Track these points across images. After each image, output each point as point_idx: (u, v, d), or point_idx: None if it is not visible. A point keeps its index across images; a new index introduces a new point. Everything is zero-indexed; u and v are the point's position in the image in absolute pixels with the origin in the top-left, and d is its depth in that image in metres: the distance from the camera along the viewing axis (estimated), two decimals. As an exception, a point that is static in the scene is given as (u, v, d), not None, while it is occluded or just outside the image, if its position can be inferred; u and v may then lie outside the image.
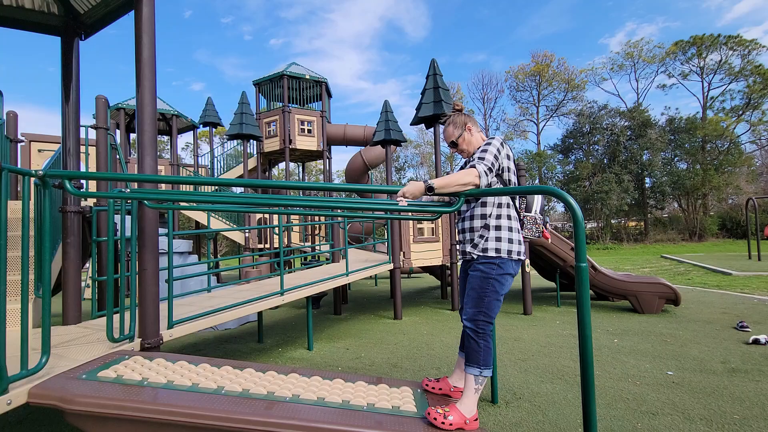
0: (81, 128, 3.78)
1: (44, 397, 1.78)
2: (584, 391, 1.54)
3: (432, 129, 7.39)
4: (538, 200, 2.28)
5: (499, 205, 2.09)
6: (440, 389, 2.27)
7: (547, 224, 2.36)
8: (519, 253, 2.08)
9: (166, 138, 16.61)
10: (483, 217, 2.09)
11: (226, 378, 2.15)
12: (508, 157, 2.11)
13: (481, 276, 2.04)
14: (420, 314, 6.60)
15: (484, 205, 2.10)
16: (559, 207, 34.48)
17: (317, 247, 9.68)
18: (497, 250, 2.03)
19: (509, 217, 2.09)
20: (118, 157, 5.40)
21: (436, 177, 2.46)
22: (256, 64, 71.84)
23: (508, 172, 2.11)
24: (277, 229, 8.30)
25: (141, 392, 1.87)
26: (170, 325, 2.89)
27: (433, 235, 6.97)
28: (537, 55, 35.91)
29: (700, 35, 29.05)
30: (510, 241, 2.05)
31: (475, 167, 1.98)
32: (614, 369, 3.58)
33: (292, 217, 7.94)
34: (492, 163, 2.01)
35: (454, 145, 2.28)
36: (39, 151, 7.16)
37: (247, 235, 10.36)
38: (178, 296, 3.83)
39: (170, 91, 65.25)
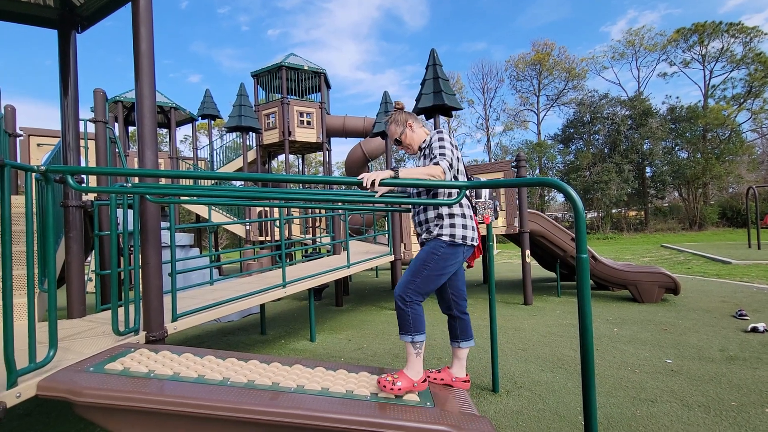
0: (80, 122, 3.76)
1: (53, 390, 1.81)
2: (585, 379, 1.57)
3: (432, 120, 7.36)
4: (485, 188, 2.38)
5: (450, 195, 2.18)
6: (442, 379, 2.32)
7: (498, 208, 2.45)
8: (473, 239, 2.18)
9: (164, 131, 16.54)
10: (436, 207, 2.18)
11: (231, 369, 2.17)
12: (456, 147, 2.21)
13: (428, 250, 2.14)
14: (421, 305, 6.63)
15: (435, 196, 2.19)
16: (559, 197, 34.47)
17: (318, 240, 9.71)
18: (451, 236, 2.12)
19: (461, 205, 2.19)
20: (117, 150, 5.39)
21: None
22: (254, 56, 71.27)
23: (458, 161, 2.20)
24: (278, 221, 8.32)
25: (148, 384, 1.89)
26: (174, 318, 2.92)
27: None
28: (537, 43, 35.66)
29: (701, 22, 28.76)
30: (464, 227, 2.15)
31: (438, 164, 2.05)
32: (614, 357, 3.62)
33: (293, 209, 8.00)
34: (451, 159, 2.11)
35: (398, 142, 2.36)
36: (38, 145, 7.14)
37: (248, 227, 10.39)
38: (180, 289, 3.85)
39: (167, 83, 64.90)
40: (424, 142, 2.28)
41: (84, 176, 3.82)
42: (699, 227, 26.12)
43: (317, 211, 7.38)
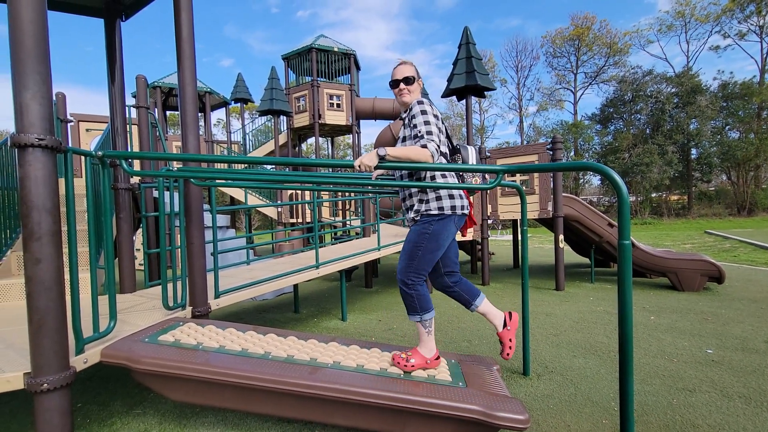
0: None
1: (115, 357, 1.99)
2: (622, 366, 1.56)
3: (464, 101, 7.21)
4: (472, 154, 2.31)
5: (444, 176, 2.13)
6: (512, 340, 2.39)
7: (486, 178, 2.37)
8: (463, 208, 2.14)
9: (199, 115, 17.06)
10: (419, 180, 2.14)
11: (272, 345, 2.30)
12: (437, 117, 2.10)
13: (418, 231, 2.11)
14: (450, 288, 6.66)
15: (419, 177, 2.15)
16: (595, 180, 33.15)
17: (348, 222, 9.85)
18: (440, 208, 2.09)
19: (444, 175, 2.14)
20: (158, 134, 5.63)
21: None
22: (284, 38, 71.57)
23: (441, 133, 2.10)
24: (309, 203, 8.49)
25: (197, 355, 2.04)
26: (217, 295, 3.09)
27: (463, 209, 6.94)
28: (577, 17, 33.75)
29: (761, -11, 26.24)
30: (451, 197, 2.11)
31: (426, 147, 1.95)
32: (650, 346, 3.54)
33: (323, 192, 8.19)
34: (438, 141, 2.01)
35: (407, 81, 2.17)
36: (87, 130, 7.55)
37: (279, 210, 10.67)
38: (221, 268, 4.04)
39: (201, 67, 66.32)
40: (408, 109, 2.13)
41: (131, 160, 4.04)
42: (748, 213, 24.52)
43: (348, 194, 7.49)
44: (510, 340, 2.37)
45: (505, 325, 2.38)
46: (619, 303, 1.55)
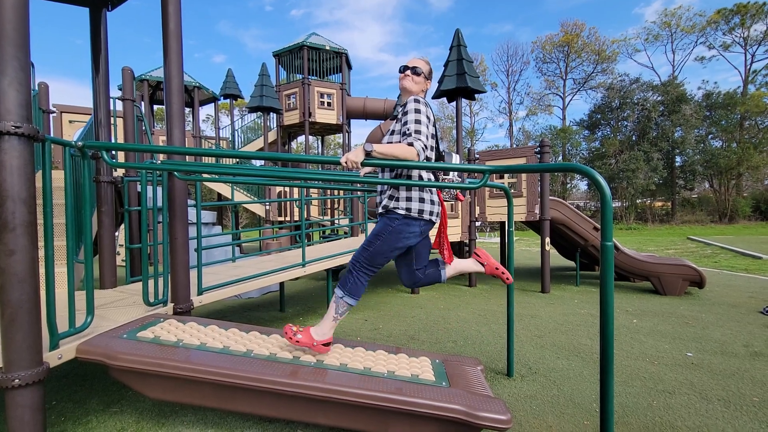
0: (110, 100, 3.85)
1: (91, 353, 1.93)
2: (603, 367, 1.57)
3: (454, 102, 7.23)
4: (456, 161, 2.32)
5: (420, 177, 2.13)
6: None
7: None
8: (431, 213, 2.13)
9: (187, 110, 16.80)
10: (398, 178, 2.14)
11: (254, 342, 2.26)
12: (429, 119, 2.10)
13: (384, 223, 2.12)
14: (436, 289, 6.68)
15: (398, 175, 2.14)
16: (582, 185, 33.62)
17: (336, 221, 9.80)
18: (407, 209, 2.09)
19: (420, 178, 2.13)
20: (144, 128, 5.53)
21: (457, 152, 2.48)
22: (277, 36, 71.17)
23: (431, 138, 2.11)
24: (297, 201, 8.43)
25: (177, 352, 1.99)
26: (200, 292, 3.03)
27: (452, 211, 6.96)
28: (567, 24, 34.21)
29: (744, 3, 26.99)
30: (421, 200, 2.10)
31: (413, 145, 1.95)
32: (632, 348, 3.58)
33: (311, 190, 8.15)
34: (425, 142, 2.01)
35: (414, 71, 2.19)
36: (70, 122, 7.37)
37: (267, 207, 10.56)
38: (204, 265, 3.98)
39: (192, 63, 65.58)
40: (404, 105, 2.12)
41: (114, 152, 3.95)
42: (729, 220, 25.14)
43: (337, 192, 7.45)
44: (497, 268, 2.42)
45: (482, 264, 2.42)
46: (601, 302, 1.56)
